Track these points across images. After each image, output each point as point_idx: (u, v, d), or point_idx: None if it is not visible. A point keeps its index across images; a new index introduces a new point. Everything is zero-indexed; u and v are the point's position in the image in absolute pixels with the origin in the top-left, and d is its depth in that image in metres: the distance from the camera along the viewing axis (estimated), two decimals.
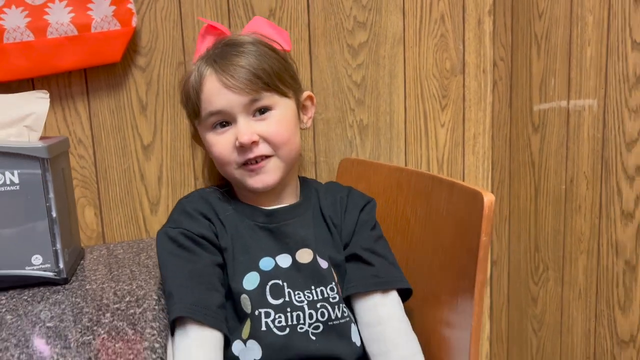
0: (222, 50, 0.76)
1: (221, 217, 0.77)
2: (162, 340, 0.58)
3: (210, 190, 0.82)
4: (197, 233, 0.74)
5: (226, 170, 0.77)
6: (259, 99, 0.74)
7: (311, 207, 0.82)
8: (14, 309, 0.67)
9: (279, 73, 0.76)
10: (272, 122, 0.75)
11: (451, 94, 1.15)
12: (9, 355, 0.54)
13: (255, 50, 0.76)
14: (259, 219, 0.78)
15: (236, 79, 0.73)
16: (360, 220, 0.81)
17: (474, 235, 0.62)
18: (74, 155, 1.00)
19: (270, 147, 0.75)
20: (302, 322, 0.72)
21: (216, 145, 0.76)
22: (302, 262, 0.76)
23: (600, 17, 0.88)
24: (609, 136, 0.88)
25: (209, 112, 0.75)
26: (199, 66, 0.77)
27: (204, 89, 0.75)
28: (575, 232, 0.97)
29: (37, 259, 0.73)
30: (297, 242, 0.77)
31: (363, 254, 0.78)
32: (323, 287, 0.75)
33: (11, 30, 0.91)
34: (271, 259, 0.76)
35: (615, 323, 0.90)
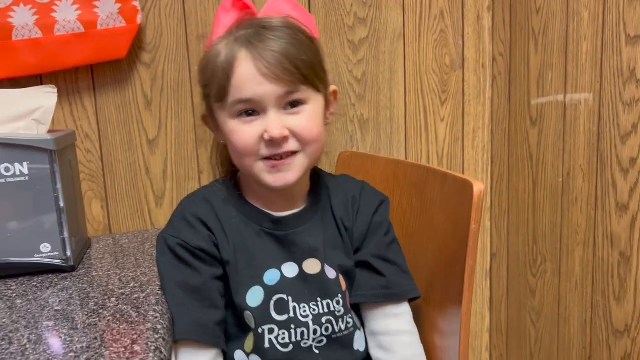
0: (257, 32, 0.69)
1: (224, 225, 0.72)
2: (164, 322, 0.60)
3: (215, 189, 0.77)
4: (195, 246, 0.70)
5: (244, 162, 0.72)
6: (294, 91, 0.69)
7: (321, 208, 0.77)
8: (24, 294, 0.70)
9: (315, 65, 0.71)
10: (304, 117, 0.70)
11: (451, 89, 1.16)
12: (19, 335, 0.57)
13: (293, 38, 0.69)
14: (265, 224, 0.74)
15: (275, 68, 0.67)
16: (374, 223, 0.77)
17: (465, 223, 0.63)
18: (81, 150, 1.03)
19: (299, 143, 0.70)
20: (306, 337, 0.71)
21: (239, 134, 0.70)
22: (309, 273, 0.73)
23: (596, 12, 0.89)
24: (604, 129, 0.90)
25: (239, 99, 0.69)
26: (230, 45, 0.69)
27: (236, 73, 0.68)
28: (572, 225, 0.99)
29: (46, 247, 0.76)
30: (304, 252, 0.73)
31: (374, 262, 0.75)
32: (329, 300, 0.73)
33: (20, 28, 0.93)
34: (276, 271, 0.72)
35: (610, 313, 0.91)
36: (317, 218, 0.76)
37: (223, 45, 0.70)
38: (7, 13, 0.92)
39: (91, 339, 0.55)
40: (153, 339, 0.55)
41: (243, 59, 0.68)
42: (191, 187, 1.07)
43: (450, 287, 0.68)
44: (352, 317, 0.75)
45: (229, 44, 0.70)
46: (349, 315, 0.74)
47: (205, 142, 1.07)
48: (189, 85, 1.05)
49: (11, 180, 0.73)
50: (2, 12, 0.92)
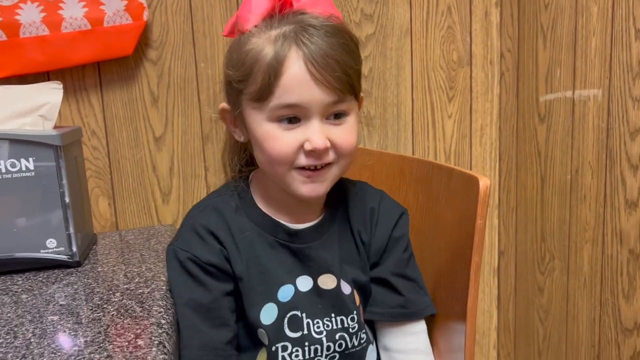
0: (306, 31, 0.62)
1: (236, 239, 0.69)
2: (168, 317, 0.60)
3: (226, 197, 0.73)
4: (206, 261, 0.67)
5: (276, 170, 0.67)
6: (342, 101, 0.64)
7: (338, 221, 0.74)
8: (30, 289, 0.70)
9: (360, 74, 0.67)
10: (345, 129, 0.66)
11: (458, 86, 1.15)
12: (24, 329, 0.57)
13: (344, 43, 0.64)
14: (280, 235, 0.71)
15: (328, 74, 0.62)
16: (393, 237, 0.74)
17: (471, 219, 0.63)
18: (88, 147, 1.03)
19: (335, 155, 0.66)
20: (319, 354, 0.69)
21: (278, 141, 0.64)
22: (324, 288, 0.71)
23: (605, 6, 0.88)
24: (614, 125, 0.89)
25: (284, 104, 0.63)
26: (278, 42, 0.63)
27: (286, 74, 0.62)
28: (580, 222, 0.98)
29: (52, 242, 0.76)
30: (320, 267, 0.71)
31: (393, 281, 0.72)
32: (344, 316, 0.71)
33: (27, 25, 0.94)
34: (290, 286, 0.70)
35: (619, 312, 0.90)
36: (333, 231, 0.73)
37: (266, 40, 0.64)
38: (15, 10, 0.93)
39: (95, 333, 0.55)
40: (157, 334, 0.55)
41: (294, 59, 0.62)
42: (197, 184, 1.07)
43: (456, 283, 0.67)
44: (365, 333, 0.73)
45: (276, 40, 0.63)
46: (363, 331, 0.73)
47: (212, 139, 1.07)
48: (195, 82, 1.05)
49: (17, 176, 0.73)
50: (9, 9, 0.93)
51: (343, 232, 0.74)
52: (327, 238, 0.73)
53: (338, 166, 0.68)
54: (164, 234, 0.94)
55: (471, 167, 1.19)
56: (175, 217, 1.08)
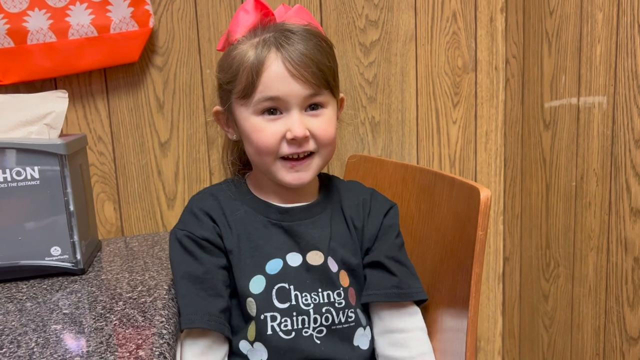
0: (285, 36, 0.72)
1: (228, 218, 0.76)
2: (169, 327, 0.61)
3: (223, 186, 0.80)
4: (200, 236, 0.73)
5: (263, 160, 0.74)
6: (318, 94, 0.72)
7: (330, 206, 0.80)
8: (34, 297, 0.71)
9: (335, 72, 0.76)
10: (323, 120, 0.74)
11: (463, 91, 1.15)
12: (27, 339, 0.58)
13: (318, 44, 0.73)
14: (272, 215, 0.77)
15: (303, 69, 0.70)
16: (384, 225, 0.79)
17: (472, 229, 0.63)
18: (94, 152, 1.04)
19: (316, 145, 0.74)
20: (306, 326, 0.73)
21: (262, 132, 0.72)
22: (312, 264, 0.75)
23: (610, 14, 0.88)
24: (618, 133, 0.88)
25: (266, 97, 0.71)
26: (259, 46, 0.72)
27: (266, 71, 0.71)
28: (585, 229, 0.97)
29: (56, 250, 0.77)
30: (308, 243, 0.76)
31: (387, 263, 0.76)
32: (330, 291, 0.75)
33: (34, 32, 0.95)
34: (279, 260, 0.75)
35: (624, 320, 0.90)
36: (325, 214, 0.79)
37: (250, 45, 0.73)
38: (22, 18, 0.94)
39: (97, 343, 0.56)
40: (158, 344, 0.56)
41: (273, 58, 0.71)
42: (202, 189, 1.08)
43: (457, 293, 0.67)
44: (354, 313, 0.76)
45: (257, 44, 0.72)
46: (351, 310, 0.76)
47: (217, 144, 1.07)
48: (200, 88, 1.05)
49: (22, 184, 0.74)
50: (17, 16, 0.94)
51: (335, 216, 0.80)
52: (317, 219, 0.78)
53: (319, 156, 0.75)
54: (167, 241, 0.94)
55: (476, 173, 1.19)
56: None
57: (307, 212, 0.78)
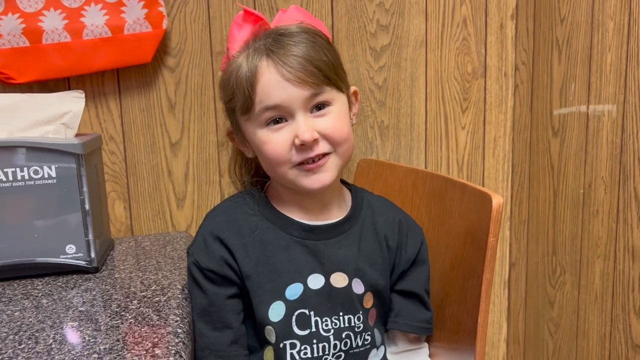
0: (275, 40, 0.69)
1: (246, 240, 0.71)
2: (184, 326, 0.62)
3: (240, 200, 0.76)
4: (204, 267, 0.70)
5: (279, 171, 0.71)
6: (319, 92, 0.69)
7: (360, 222, 0.76)
8: (50, 294, 0.72)
9: (336, 65, 0.71)
10: (331, 118, 0.70)
11: (472, 97, 1.16)
12: (45, 335, 0.59)
13: (312, 41, 0.69)
14: (295, 232, 0.73)
15: (297, 71, 0.67)
16: (422, 252, 0.77)
17: (483, 236, 0.64)
18: (106, 151, 1.05)
19: (330, 145, 0.70)
20: (326, 352, 0.71)
21: (270, 143, 0.69)
22: (335, 287, 0.72)
23: (621, 23, 0.89)
24: (627, 142, 0.89)
25: (265, 107, 0.68)
26: (250, 57, 0.69)
27: (260, 82, 0.68)
28: (592, 237, 0.98)
29: (71, 248, 0.78)
30: (333, 264, 0.72)
31: (424, 297, 0.75)
32: (351, 315, 0.72)
33: (49, 32, 0.96)
34: (299, 285, 0.71)
35: (630, 328, 0.90)
36: (354, 231, 0.75)
37: (242, 58, 0.70)
38: (38, 17, 0.95)
39: (114, 340, 0.57)
40: (173, 343, 0.57)
41: (265, 67, 0.68)
42: (212, 190, 1.09)
43: (467, 298, 0.68)
44: (371, 335, 0.75)
45: (248, 56, 0.70)
46: (368, 333, 0.74)
47: (227, 146, 1.08)
48: (212, 90, 1.06)
49: (39, 183, 0.75)
50: (32, 16, 0.95)
51: (366, 233, 0.76)
52: (345, 237, 0.74)
53: (337, 155, 0.71)
54: (179, 240, 0.95)
55: (484, 178, 1.19)
56: (189, 223, 1.09)
57: (334, 230, 0.74)
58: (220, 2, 1.04)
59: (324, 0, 1.07)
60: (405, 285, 0.76)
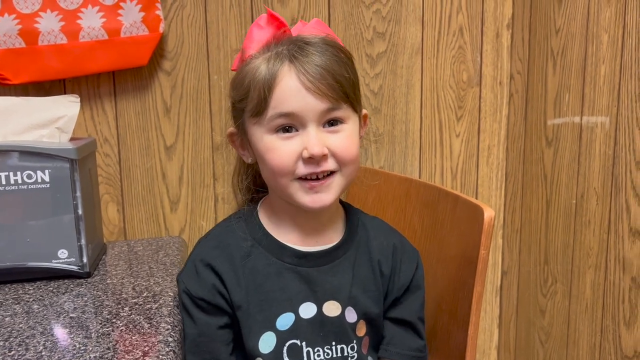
0: (300, 48, 0.66)
1: (237, 267, 0.69)
2: (175, 335, 0.62)
3: (233, 224, 0.73)
4: (196, 295, 0.68)
5: (280, 182, 0.68)
6: (336, 108, 0.66)
7: (354, 246, 0.74)
8: (41, 299, 0.72)
9: (355, 84, 0.69)
10: (343, 136, 0.67)
11: (467, 105, 1.17)
12: (35, 342, 0.59)
13: (336, 55, 0.67)
14: (287, 259, 0.70)
15: (318, 82, 0.64)
16: (416, 278, 0.74)
17: (475, 247, 0.64)
18: (100, 154, 1.05)
19: (337, 163, 0.67)
20: None
21: (277, 151, 0.66)
22: (328, 315, 0.70)
23: (615, 36, 0.89)
24: (620, 154, 0.89)
25: (279, 113, 0.65)
26: (271, 60, 0.66)
27: (279, 85, 0.65)
28: (584, 247, 0.99)
29: (63, 253, 0.78)
30: (326, 292, 0.70)
31: (417, 325, 0.73)
32: (344, 344, 0.70)
33: (46, 34, 0.95)
34: (291, 315, 0.69)
35: (619, 339, 0.91)
36: (349, 256, 0.73)
37: (263, 60, 0.68)
38: (34, 19, 0.95)
39: (104, 348, 0.57)
40: (164, 352, 0.57)
41: (286, 72, 0.65)
42: (206, 194, 1.09)
43: (458, 309, 0.68)
44: None
45: (269, 59, 0.67)
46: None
47: (222, 150, 1.08)
48: (207, 94, 1.06)
49: (33, 187, 0.75)
50: (29, 17, 0.94)
51: (361, 259, 0.73)
52: (339, 263, 0.72)
53: (342, 175, 0.68)
54: (172, 246, 0.95)
55: (477, 186, 1.20)
56: (182, 226, 1.09)
57: (329, 256, 0.72)
58: (217, 6, 1.04)
59: (321, 7, 1.07)
60: (398, 313, 0.74)
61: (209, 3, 1.04)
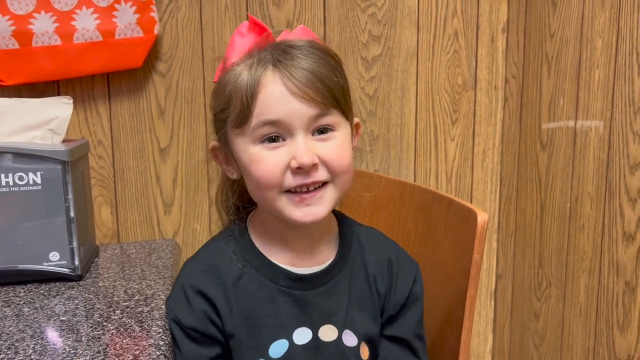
0: (284, 51, 0.62)
1: (228, 293, 0.65)
2: (166, 339, 0.61)
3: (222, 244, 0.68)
4: (188, 325, 0.64)
5: (266, 196, 0.63)
6: (326, 114, 0.62)
7: (350, 263, 0.69)
8: (31, 302, 0.71)
9: (345, 89, 0.65)
10: (334, 144, 0.62)
11: (462, 109, 1.17)
12: (24, 345, 0.58)
13: (324, 58, 0.62)
14: (281, 282, 0.66)
15: (305, 86, 0.60)
16: (413, 293, 0.70)
17: (468, 251, 0.64)
18: (94, 155, 1.04)
19: (329, 173, 0.62)
20: None
21: (262, 163, 0.61)
22: (324, 340, 0.66)
23: (609, 40, 0.90)
24: (614, 158, 0.90)
25: (264, 121, 0.60)
26: (254, 66, 0.62)
27: (262, 92, 0.60)
28: (578, 251, 0.99)
29: (55, 255, 0.77)
30: (322, 316, 0.66)
31: (414, 343, 0.69)
32: None
33: (40, 35, 0.95)
34: (284, 341, 0.65)
35: (613, 343, 0.91)
36: (344, 274, 0.68)
37: (244, 67, 0.63)
38: (28, 20, 0.94)
39: (94, 352, 0.56)
40: (155, 355, 0.56)
41: (270, 77, 0.61)
42: (200, 196, 1.09)
43: (451, 313, 0.68)
44: None
45: (252, 65, 0.62)
46: None
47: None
48: (202, 96, 1.06)
49: (24, 189, 0.74)
50: (23, 18, 0.94)
51: (357, 277, 0.69)
52: (335, 282, 0.68)
53: (334, 186, 0.63)
54: (164, 249, 0.95)
55: (472, 190, 1.20)
56: (176, 229, 1.09)
57: (324, 277, 0.67)
58: (212, 8, 1.04)
59: (316, 10, 1.07)
60: (392, 331, 0.70)
61: (204, 5, 1.04)
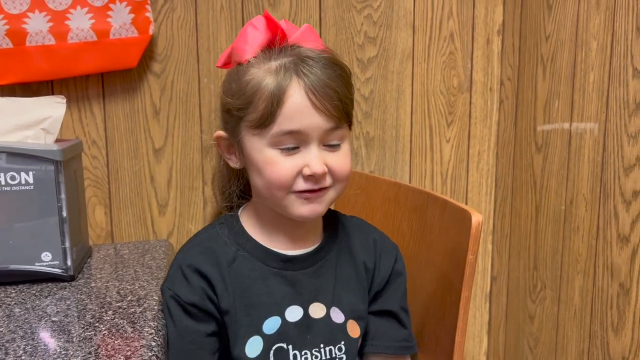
0: (305, 62, 0.66)
1: (223, 272, 0.69)
2: (159, 339, 0.61)
3: (216, 230, 0.73)
4: (186, 301, 0.67)
5: (275, 194, 0.68)
6: (339, 128, 0.67)
7: (336, 247, 0.75)
8: (23, 302, 0.70)
9: (353, 103, 0.71)
10: (342, 155, 0.69)
11: (457, 111, 1.17)
12: (15, 346, 0.58)
13: (340, 74, 0.68)
14: (272, 263, 0.71)
15: (327, 102, 0.65)
16: (395, 269, 0.75)
17: (462, 252, 0.64)
18: (88, 156, 1.04)
19: (332, 179, 0.69)
20: None
21: (277, 166, 0.66)
22: (314, 317, 0.71)
23: (604, 43, 0.90)
24: (608, 160, 0.90)
25: (287, 130, 0.65)
26: (279, 73, 0.66)
27: (288, 101, 0.65)
28: (572, 253, 0.99)
29: (47, 255, 0.77)
30: (311, 294, 0.71)
31: (400, 314, 0.74)
32: (332, 346, 0.71)
33: (34, 34, 0.95)
34: (277, 318, 0.70)
35: (608, 345, 0.91)
36: (331, 257, 0.74)
37: (267, 70, 0.67)
38: (22, 19, 0.94)
39: (85, 353, 0.56)
40: (147, 356, 0.56)
41: (296, 89, 0.65)
42: (194, 197, 1.08)
43: (446, 314, 0.68)
44: None
45: (277, 72, 0.66)
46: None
47: (211, 153, 1.07)
48: (197, 97, 1.06)
49: (16, 189, 0.74)
50: (17, 18, 0.94)
51: (343, 260, 0.74)
52: (321, 264, 0.73)
53: (334, 190, 0.70)
54: (158, 249, 0.94)
55: (467, 192, 1.20)
56: (170, 229, 1.08)
57: (312, 258, 0.73)
58: (208, 9, 1.04)
59: (312, 11, 1.07)
60: (379, 305, 0.75)
61: (200, 5, 1.04)
